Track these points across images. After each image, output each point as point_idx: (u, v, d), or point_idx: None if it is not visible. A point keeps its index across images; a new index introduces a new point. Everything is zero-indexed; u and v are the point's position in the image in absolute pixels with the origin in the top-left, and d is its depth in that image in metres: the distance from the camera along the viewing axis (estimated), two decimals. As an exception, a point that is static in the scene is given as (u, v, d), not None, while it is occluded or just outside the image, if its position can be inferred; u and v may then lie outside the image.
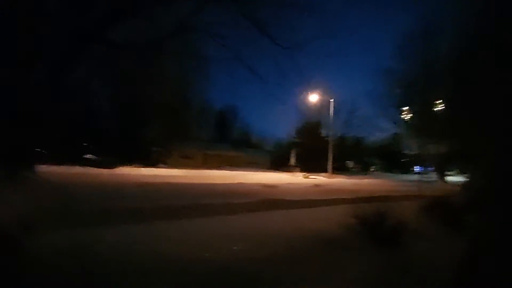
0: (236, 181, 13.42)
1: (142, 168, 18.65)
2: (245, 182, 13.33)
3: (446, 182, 23.34)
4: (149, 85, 21.36)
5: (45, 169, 8.94)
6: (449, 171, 29.27)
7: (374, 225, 4.22)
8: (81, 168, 14.38)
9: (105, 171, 14.56)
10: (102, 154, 19.73)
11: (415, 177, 22.69)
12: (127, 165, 18.16)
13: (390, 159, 40.12)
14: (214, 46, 8.98)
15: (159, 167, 22.02)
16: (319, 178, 20.98)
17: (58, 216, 3.83)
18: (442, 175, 24.89)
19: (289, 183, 14.12)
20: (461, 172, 30.58)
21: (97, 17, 6.10)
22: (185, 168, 22.02)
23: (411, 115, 25.00)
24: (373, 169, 43.50)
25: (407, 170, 40.29)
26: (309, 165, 28.97)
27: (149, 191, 8.12)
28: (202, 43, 9.62)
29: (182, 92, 26.96)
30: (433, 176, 26.43)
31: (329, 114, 28.70)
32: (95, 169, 15.09)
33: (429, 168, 28.93)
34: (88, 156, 20.01)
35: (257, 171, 24.62)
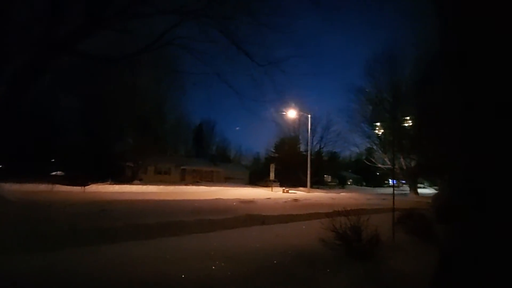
0: (214, 197, 13.11)
1: (116, 185, 17.71)
2: (223, 197, 13.07)
3: (418, 194, 24.44)
4: (123, 99, 20.82)
5: (7, 187, 8.24)
6: (420, 183, 30.79)
7: (350, 239, 4.26)
8: (47, 186, 13.36)
9: (74, 189, 13.64)
10: (72, 171, 18.53)
11: (389, 190, 23.55)
12: (99, 182, 17.17)
13: (365, 173, 41.60)
14: (192, 61, 9.03)
15: (133, 184, 21.06)
16: (298, 193, 21.10)
17: (18, 238, 3.49)
18: (413, 187, 26.09)
19: (268, 198, 14.04)
20: (431, 185, 32.29)
21: (69, 28, 5.92)
22: (161, 184, 21.26)
23: (383, 130, 26.33)
24: (349, 183, 44.74)
25: (381, 183, 41.94)
26: (288, 180, 29.18)
27: (121, 209, 7.67)
28: (179, 57, 9.64)
29: (158, 106, 26.55)
30: (406, 189, 27.63)
31: (306, 129, 29.45)
32: (64, 186, 14.09)
33: (402, 181, 30.26)
34: (55, 173, 18.71)
35: (235, 187, 24.32)
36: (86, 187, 14.50)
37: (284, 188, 24.13)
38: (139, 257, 3.71)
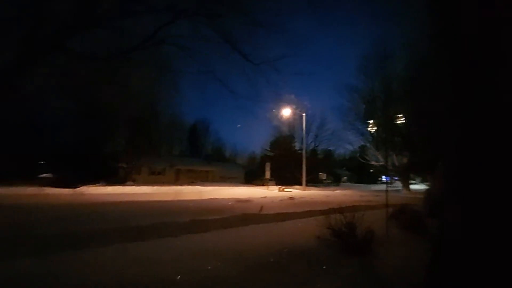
0: (209, 197, 13.06)
1: (108, 187, 17.45)
2: (218, 197, 13.04)
3: (410, 190, 24.81)
4: (115, 98, 20.49)
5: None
6: (412, 180, 31.27)
7: (345, 236, 4.30)
8: (36, 188, 13.08)
9: (64, 191, 13.38)
10: (61, 173, 18.18)
11: (382, 186, 23.85)
12: (91, 183, 16.90)
13: (359, 170, 42.04)
14: (186, 60, 8.96)
15: (127, 185, 20.82)
16: (293, 191, 21.20)
17: (5, 244, 3.40)
18: (406, 184, 26.47)
19: (264, 197, 14.06)
20: (423, 181, 32.82)
21: (58, 24, 5.80)
22: (155, 185, 21.08)
23: (376, 128, 26.61)
24: (344, 180, 45.16)
25: (375, 180, 42.43)
26: (284, 178, 29.28)
27: (112, 211, 7.57)
28: (173, 56, 9.55)
29: (151, 105, 26.27)
30: (399, 185, 28.02)
31: (301, 128, 29.57)
32: (54, 189, 13.81)
33: (395, 178, 30.67)
34: (44, 175, 18.32)
35: (231, 186, 24.29)
36: (77, 189, 14.26)
37: (279, 186, 24.22)
38: (132, 259, 3.66)
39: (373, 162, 28.53)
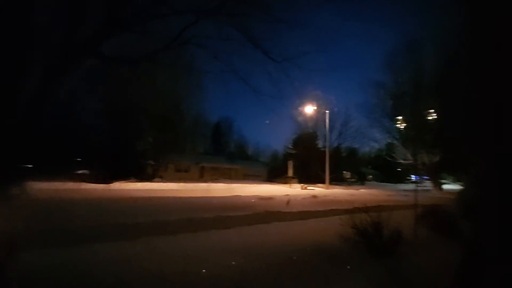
0: (232, 194, 13.28)
1: (138, 183, 18.37)
2: (241, 194, 13.21)
3: (441, 190, 23.45)
4: (143, 98, 21.42)
5: (36, 186, 8.77)
6: (444, 179, 29.50)
7: (371, 236, 4.19)
8: (74, 184, 14.10)
9: (99, 187, 14.29)
10: (96, 169, 19.42)
11: (411, 186, 22.74)
12: (122, 180, 17.88)
13: (385, 169, 40.39)
14: (208, 59, 9.12)
15: (154, 181, 21.74)
16: (316, 189, 20.91)
17: (41, 235, 3.73)
18: (437, 183, 25.05)
19: (286, 195, 14.02)
20: (456, 180, 30.87)
21: (90, 30, 6.16)
22: (181, 182, 21.78)
23: (404, 125, 25.41)
24: (369, 179, 43.67)
25: (403, 179, 40.54)
26: (306, 176, 28.95)
27: (144, 206, 7.97)
28: (196, 56, 9.77)
29: (177, 104, 27.11)
30: (429, 185, 26.59)
31: (324, 125, 28.96)
32: (89, 184, 14.82)
33: (424, 177, 29.16)
34: (81, 171, 19.69)
35: (253, 183, 24.46)
36: (110, 184, 15.14)
37: (302, 184, 23.99)
38: (160, 252, 3.86)
39: (401, 161, 27.28)
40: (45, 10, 6.41)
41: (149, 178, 23.80)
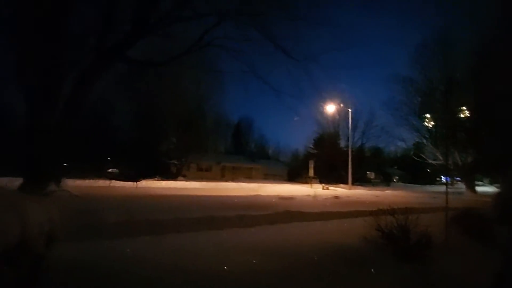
0: (253, 193, 13.35)
1: (162, 181, 19.10)
2: (262, 194, 13.24)
3: (475, 192, 21.95)
4: (167, 99, 22.16)
5: (71, 183, 9.40)
6: (478, 181, 27.60)
7: (397, 239, 4.03)
8: (105, 181, 14.95)
9: (127, 185, 15.02)
10: (124, 168, 20.43)
11: (441, 188, 21.55)
12: (148, 178, 18.66)
13: (413, 169, 38.49)
14: (230, 60, 9.23)
15: (178, 180, 22.42)
16: (338, 190, 20.45)
17: (82, 229, 3.98)
18: (470, 185, 23.47)
19: (307, 195, 13.86)
20: (492, 182, 28.76)
21: (119, 35, 6.49)
22: (203, 181, 22.27)
23: (433, 123, 24.04)
24: (395, 180, 41.92)
25: (432, 180, 38.47)
26: (328, 177, 28.41)
27: (169, 204, 8.24)
28: (217, 57, 9.93)
29: (199, 105, 27.76)
30: (461, 187, 25.00)
31: (346, 124, 28.28)
32: (118, 182, 15.62)
33: (457, 178, 27.42)
34: (111, 170, 20.78)
35: (274, 183, 24.43)
36: (137, 183, 15.85)
37: (323, 184, 23.56)
38: (184, 249, 3.98)
39: (430, 161, 25.87)
40: (80, 19, 6.86)
41: (173, 177, 24.57)
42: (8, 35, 5.88)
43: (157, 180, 19.69)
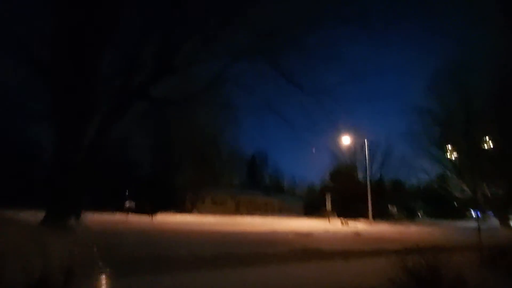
0: (269, 229, 12.90)
1: (177, 215, 19.05)
2: (278, 229, 12.77)
3: (510, 228, 20.10)
4: (184, 134, 22.94)
5: (90, 217, 9.54)
6: (512, 215, 25.44)
7: (427, 281, 3.67)
8: (121, 215, 15.09)
9: (142, 219, 15.05)
10: (141, 201, 20.67)
11: (471, 223, 19.98)
12: (163, 211, 18.68)
13: (439, 203, 36.18)
14: (244, 95, 9.61)
15: (192, 214, 22.23)
16: (359, 225, 19.39)
17: (100, 264, 3.95)
18: (504, 220, 21.59)
19: (326, 231, 13.21)
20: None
21: (143, 76, 7.02)
22: (217, 215, 21.92)
23: (456, 154, 23.09)
24: (420, 215, 39.42)
25: (460, 215, 35.75)
26: (347, 211, 27.18)
27: (183, 239, 8.10)
28: (232, 93, 10.39)
29: (214, 139, 28.43)
30: (494, 222, 23.06)
31: (363, 156, 27.72)
32: (134, 216, 15.71)
33: (488, 213, 25.44)
34: (128, 203, 21.05)
35: (290, 218, 23.60)
36: (152, 216, 15.86)
37: (342, 219, 22.47)
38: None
39: (457, 194, 24.37)
40: (108, 63, 7.54)
41: (188, 211, 24.41)
42: (44, 75, 6.49)
43: (172, 213, 19.65)
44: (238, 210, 32.61)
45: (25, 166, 16.58)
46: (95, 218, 10.44)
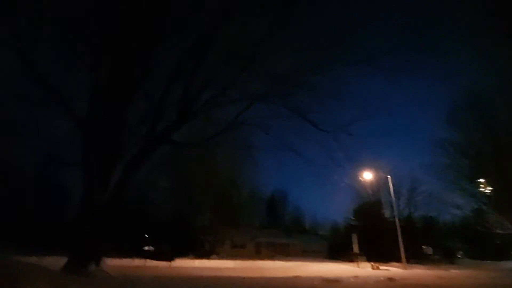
0: (292, 274, 12.09)
1: (196, 260, 18.46)
2: (302, 275, 11.93)
3: None
4: (202, 175, 23.27)
5: (109, 262, 9.45)
6: None
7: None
8: (141, 260, 14.84)
9: (161, 264, 14.71)
10: (159, 245, 20.38)
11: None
12: (181, 256, 18.22)
13: (478, 241, 32.73)
14: (262, 136, 9.86)
15: (211, 259, 21.42)
16: (391, 270, 17.71)
17: None
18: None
19: (356, 277, 12.17)
20: None
21: (166, 123, 7.49)
22: (237, 259, 20.99)
23: (490, 188, 21.52)
24: (460, 256, 35.59)
25: (504, 255, 31.81)
26: (376, 253, 25.13)
27: (204, 286, 7.75)
28: (250, 134, 10.70)
29: (233, 180, 28.49)
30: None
31: (388, 192, 26.42)
32: (153, 261, 15.40)
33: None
34: (147, 248, 20.79)
35: (314, 262, 22.08)
36: (171, 262, 15.45)
37: (372, 263, 20.68)
38: None
39: (498, 231, 22.09)
40: (135, 111, 8.16)
41: (207, 255, 23.60)
42: (80, 127, 7.03)
43: (191, 258, 19.08)
44: (258, 253, 31.08)
45: (55, 210, 17.22)
46: (113, 264, 10.33)
